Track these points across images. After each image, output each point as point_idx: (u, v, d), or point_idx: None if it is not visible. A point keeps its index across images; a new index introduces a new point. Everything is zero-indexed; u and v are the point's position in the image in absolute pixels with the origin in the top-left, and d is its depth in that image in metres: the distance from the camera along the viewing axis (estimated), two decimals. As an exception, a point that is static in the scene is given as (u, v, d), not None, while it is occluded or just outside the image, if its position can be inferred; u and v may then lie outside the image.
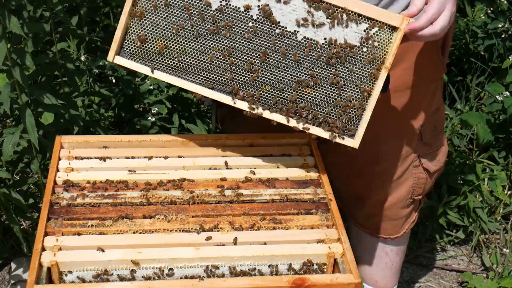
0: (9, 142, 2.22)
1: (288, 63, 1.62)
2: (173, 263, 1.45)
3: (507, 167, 3.15)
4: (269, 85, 1.64)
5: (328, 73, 1.62)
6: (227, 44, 1.62)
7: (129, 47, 1.65)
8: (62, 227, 1.51)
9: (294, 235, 1.54)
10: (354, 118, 1.65)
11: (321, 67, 1.62)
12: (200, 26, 1.62)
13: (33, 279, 1.37)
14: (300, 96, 1.64)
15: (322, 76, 1.62)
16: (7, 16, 2.00)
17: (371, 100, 1.63)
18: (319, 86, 1.63)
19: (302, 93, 1.64)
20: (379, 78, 1.61)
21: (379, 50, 1.60)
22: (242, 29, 1.61)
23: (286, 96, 1.64)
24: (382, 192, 2.07)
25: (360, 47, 1.60)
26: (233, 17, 1.61)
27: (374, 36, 1.59)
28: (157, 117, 2.86)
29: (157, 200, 1.60)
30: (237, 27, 1.61)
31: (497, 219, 2.99)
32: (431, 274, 2.83)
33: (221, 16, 1.61)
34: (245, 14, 1.60)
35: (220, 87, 1.65)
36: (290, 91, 1.64)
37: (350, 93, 1.63)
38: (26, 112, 2.18)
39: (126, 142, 1.80)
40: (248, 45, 1.62)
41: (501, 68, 3.30)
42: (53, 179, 1.65)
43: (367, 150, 1.97)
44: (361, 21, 1.59)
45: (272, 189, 1.67)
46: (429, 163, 2.06)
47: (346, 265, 1.46)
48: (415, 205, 2.16)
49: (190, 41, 1.63)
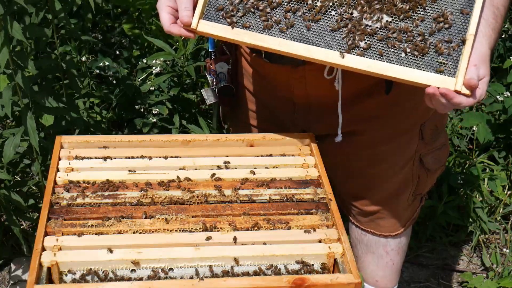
0: (10, 144, 2.23)
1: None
2: (173, 263, 1.45)
3: (507, 167, 3.15)
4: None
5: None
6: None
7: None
8: (62, 227, 1.51)
9: (294, 235, 1.54)
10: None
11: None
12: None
13: (33, 279, 1.37)
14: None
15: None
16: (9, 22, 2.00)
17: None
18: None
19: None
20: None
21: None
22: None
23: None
24: (382, 191, 2.07)
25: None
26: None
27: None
28: (158, 117, 2.86)
29: (157, 200, 1.60)
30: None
31: (497, 219, 3.00)
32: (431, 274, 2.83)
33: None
34: None
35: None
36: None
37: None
38: (28, 115, 2.18)
39: (126, 142, 1.80)
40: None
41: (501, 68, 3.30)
42: (53, 179, 1.65)
43: (367, 150, 1.97)
44: None
45: (272, 189, 1.67)
46: (430, 162, 2.06)
47: (346, 265, 1.46)
48: (416, 203, 2.17)
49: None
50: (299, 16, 1.60)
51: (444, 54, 1.55)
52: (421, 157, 2.04)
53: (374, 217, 2.15)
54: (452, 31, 1.56)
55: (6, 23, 1.99)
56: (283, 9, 1.60)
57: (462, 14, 1.55)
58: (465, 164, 3.06)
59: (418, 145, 2.00)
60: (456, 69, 1.54)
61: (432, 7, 1.57)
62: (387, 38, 1.57)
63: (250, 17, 1.61)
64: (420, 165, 2.05)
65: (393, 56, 1.57)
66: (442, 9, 1.56)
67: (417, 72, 1.56)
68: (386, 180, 2.04)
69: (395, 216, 2.14)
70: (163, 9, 1.61)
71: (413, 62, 1.56)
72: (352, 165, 2.03)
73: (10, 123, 3.09)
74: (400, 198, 2.09)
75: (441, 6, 1.57)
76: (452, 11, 1.56)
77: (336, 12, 1.59)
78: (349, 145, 1.94)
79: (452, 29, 1.56)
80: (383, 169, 2.02)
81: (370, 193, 2.09)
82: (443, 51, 1.55)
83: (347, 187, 2.12)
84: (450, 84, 1.53)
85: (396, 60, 1.57)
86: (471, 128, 3.17)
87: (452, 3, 1.57)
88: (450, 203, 2.95)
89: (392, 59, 1.57)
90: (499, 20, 1.64)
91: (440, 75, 1.54)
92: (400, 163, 2.01)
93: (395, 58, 1.57)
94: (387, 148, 1.98)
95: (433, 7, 1.57)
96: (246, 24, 1.61)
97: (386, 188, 2.06)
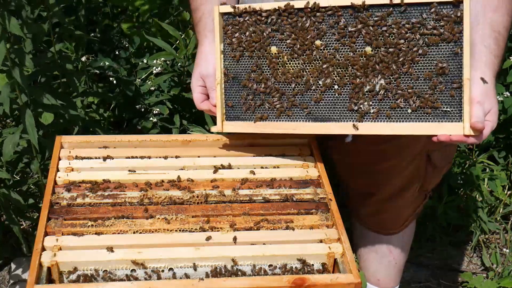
0: (9, 142, 2.22)
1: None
2: (173, 263, 1.45)
3: (507, 167, 3.15)
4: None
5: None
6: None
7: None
8: (62, 227, 1.51)
9: (294, 235, 1.54)
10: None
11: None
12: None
13: (33, 279, 1.37)
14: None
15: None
16: (6, 17, 2.00)
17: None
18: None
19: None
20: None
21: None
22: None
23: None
24: (389, 188, 2.07)
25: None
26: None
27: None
28: (158, 117, 2.86)
29: (157, 200, 1.60)
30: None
31: (497, 219, 2.99)
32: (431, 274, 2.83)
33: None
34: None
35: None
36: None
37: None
38: (26, 112, 2.18)
39: (126, 142, 1.80)
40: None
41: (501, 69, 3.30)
42: (53, 179, 1.65)
43: (376, 147, 1.97)
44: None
45: (272, 189, 1.67)
46: (437, 159, 2.06)
47: (346, 265, 1.46)
48: (419, 199, 2.17)
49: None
50: (308, 97, 1.69)
51: (446, 103, 1.59)
52: (429, 154, 2.04)
53: (380, 215, 2.15)
54: (448, 78, 1.59)
55: (4, 18, 1.99)
56: (291, 93, 1.70)
57: (455, 56, 1.58)
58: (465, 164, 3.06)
59: (426, 141, 2.01)
60: (461, 113, 1.58)
61: (424, 60, 1.60)
62: (389, 99, 1.63)
63: (265, 109, 1.72)
64: (427, 162, 2.05)
65: (400, 115, 1.63)
66: (434, 60, 1.59)
67: (426, 125, 1.61)
68: (394, 176, 2.05)
69: (399, 212, 2.15)
70: (195, 89, 1.80)
71: (420, 116, 1.61)
72: (361, 162, 2.03)
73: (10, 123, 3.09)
74: (406, 194, 2.10)
75: (433, 57, 1.59)
76: (442, 59, 1.59)
77: (339, 86, 1.66)
78: (358, 142, 1.94)
79: (448, 76, 1.59)
80: (391, 165, 2.02)
81: (378, 189, 2.09)
82: (445, 100, 1.59)
83: (355, 183, 2.12)
84: (458, 129, 1.58)
85: (404, 117, 1.63)
86: (471, 128, 3.17)
87: (442, 51, 1.59)
88: (450, 203, 2.94)
89: (400, 117, 1.63)
90: (501, 44, 1.66)
91: (448, 123, 1.59)
92: (407, 159, 2.02)
93: (402, 116, 1.63)
94: (395, 144, 1.98)
95: (425, 60, 1.60)
96: (264, 116, 1.72)
97: (394, 184, 2.06)
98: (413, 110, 1.61)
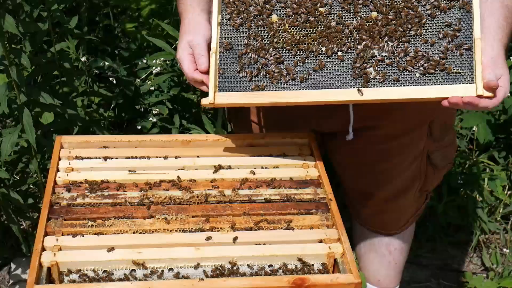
0: (7, 142, 2.22)
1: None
2: (173, 263, 1.45)
3: (507, 167, 3.15)
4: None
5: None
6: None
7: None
8: (62, 227, 1.51)
9: (294, 235, 1.54)
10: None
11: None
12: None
13: (33, 279, 1.36)
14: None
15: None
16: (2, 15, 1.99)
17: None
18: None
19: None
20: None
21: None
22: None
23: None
24: (390, 188, 2.07)
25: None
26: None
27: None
28: (158, 117, 2.86)
29: (157, 200, 1.60)
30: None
31: (497, 219, 2.99)
32: (431, 274, 2.83)
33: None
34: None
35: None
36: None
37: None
38: (24, 112, 2.18)
39: (126, 142, 1.80)
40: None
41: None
42: (53, 179, 1.65)
43: (376, 147, 1.97)
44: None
45: (272, 189, 1.66)
46: (437, 159, 2.06)
47: (346, 265, 1.46)
48: (421, 200, 2.17)
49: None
50: (310, 64, 1.61)
51: (457, 65, 1.55)
52: (429, 154, 2.04)
53: (380, 214, 2.15)
54: (458, 40, 1.55)
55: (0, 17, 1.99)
56: (291, 61, 1.62)
57: (465, 15, 1.55)
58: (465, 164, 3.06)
59: (426, 142, 2.01)
60: (472, 75, 1.54)
61: (433, 22, 1.57)
62: (397, 62, 1.58)
63: (263, 78, 1.63)
64: (428, 162, 2.05)
65: (408, 78, 1.57)
66: (444, 21, 1.56)
67: (435, 88, 1.55)
68: (395, 176, 2.05)
69: (400, 212, 2.15)
70: (185, 58, 1.69)
71: (429, 80, 1.56)
72: (362, 162, 2.03)
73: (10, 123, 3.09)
74: (407, 195, 2.10)
75: (442, 19, 1.56)
76: (452, 21, 1.56)
77: (342, 52, 1.60)
78: (360, 141, 1.94)
79: (459, 38, 1.55)
80: (392, 165, 2.02)
81: (378, 189, 2.09)
82: (455, 61, 1.55)
83: (356, 183, 2.12)
84: (471, 91, 1.53)
85: (412, 81, 1.57)
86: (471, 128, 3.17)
87: (451, 12, 1.56)
88: (450, 203, 2.95)
89: (408, 82, 1.57)
90: (510, 21, 1.62)
91: (459, 85, 1.54)
92: (408, 159, 2.02)
93: (411, 80, 1.57)
94: (397, 144, 1.98)
95: (434, 22, 1.57)
96: (261, 86, 1.63)
97: (394, 184, 2.06)
98: (422, 74, 1.55)
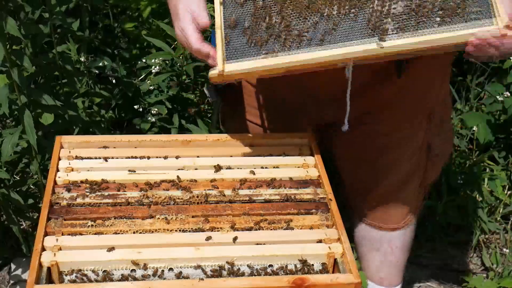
0: (8, 142, 2.23)
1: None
2: (173, 263, 1.45)
3: (507, 167, 3.15)
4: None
5: None
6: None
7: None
8: (62, 227, 1.51)
9: (294, 235, 1.54)
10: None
11: None
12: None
13: (33, 279, 1.36)
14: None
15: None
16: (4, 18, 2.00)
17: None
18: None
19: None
20: None
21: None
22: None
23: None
24: (391, 181, 2.07)
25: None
26: None
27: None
28: (157, 117, 2.86)
29: (157, 200, 1.60)
30: None
31: (497, 219, 2.99)
32: (431, 274, 2.83)
33: None
34: None
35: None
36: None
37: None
38: (25, 113, 2.18)
39: (126, 142, 1.80)
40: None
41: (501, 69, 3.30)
42: (53, 179, 1.65)
43: (377, 141, 1.98)
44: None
45: (272, 189, 1.66)
46: (437, 144, 2.07)
47: (346, 265, 1.46)
48: (421, 193, 2.17)
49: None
50: (323, 27, 1.57)
51: (475, 5, 1.53)
52: (429, 142, 2.04)
53: (381, 209, 2.15)
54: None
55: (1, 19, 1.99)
56: (303, 25, 1.57)
57: None
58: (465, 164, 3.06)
59: (425, 134, 2.01)
60: (491, 14, 1.52)
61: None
62: (415, 14, 1.54)
63: (273, 45, 1.58)
64: (427, 154, 2.06)
65: (428, 25, 1.54)
66: None
67: (456, 33, 1.53)
68: (395, 169, 2.05)
69: (401, 206, 2.15)
70: (191, 30, 1.59)
71: (449, 24, 1.53)
72: (362, 155, 2.03)
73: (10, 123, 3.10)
74: (407, 188, 2.10)
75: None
76: None
77: (355, 11, 1.57)
78: (359, 134, 1.94)
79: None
80: (392, 158, 2.03)
81: (379, 183, 2.09)
82: (473, 4, 1.53)
83: (356, 177, 2.12)
84: (494, 30, 1.51)
85: (431, 32, 1.53)
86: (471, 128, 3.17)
87: None
88: (450, 203, 2.95)
89: (427, 27, 1.54)
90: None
91: (480, 28, 1.51)
92: (408, 152, 2.02)
93: (430, 26, 1.54)
94: (396, 137, 1.98)
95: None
96: (274, 50, 1.57)
97: (395, 178, 2.06)
98: (440, 23, 1.52)
